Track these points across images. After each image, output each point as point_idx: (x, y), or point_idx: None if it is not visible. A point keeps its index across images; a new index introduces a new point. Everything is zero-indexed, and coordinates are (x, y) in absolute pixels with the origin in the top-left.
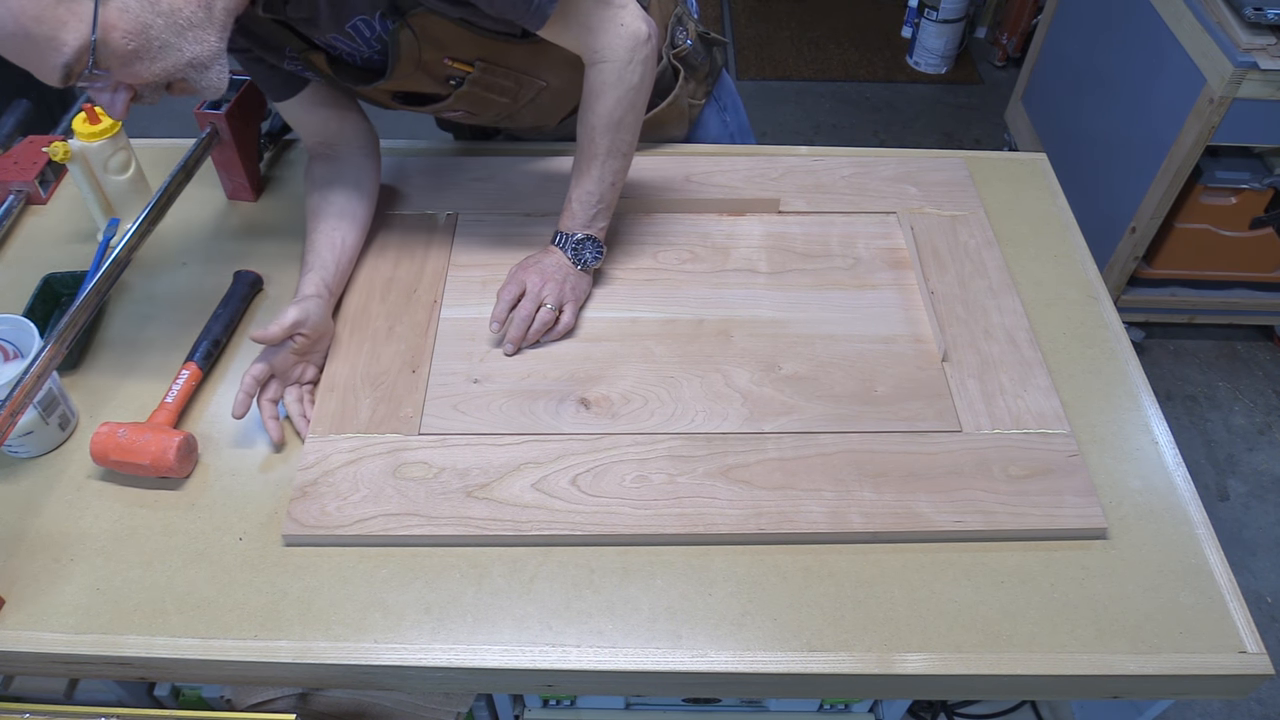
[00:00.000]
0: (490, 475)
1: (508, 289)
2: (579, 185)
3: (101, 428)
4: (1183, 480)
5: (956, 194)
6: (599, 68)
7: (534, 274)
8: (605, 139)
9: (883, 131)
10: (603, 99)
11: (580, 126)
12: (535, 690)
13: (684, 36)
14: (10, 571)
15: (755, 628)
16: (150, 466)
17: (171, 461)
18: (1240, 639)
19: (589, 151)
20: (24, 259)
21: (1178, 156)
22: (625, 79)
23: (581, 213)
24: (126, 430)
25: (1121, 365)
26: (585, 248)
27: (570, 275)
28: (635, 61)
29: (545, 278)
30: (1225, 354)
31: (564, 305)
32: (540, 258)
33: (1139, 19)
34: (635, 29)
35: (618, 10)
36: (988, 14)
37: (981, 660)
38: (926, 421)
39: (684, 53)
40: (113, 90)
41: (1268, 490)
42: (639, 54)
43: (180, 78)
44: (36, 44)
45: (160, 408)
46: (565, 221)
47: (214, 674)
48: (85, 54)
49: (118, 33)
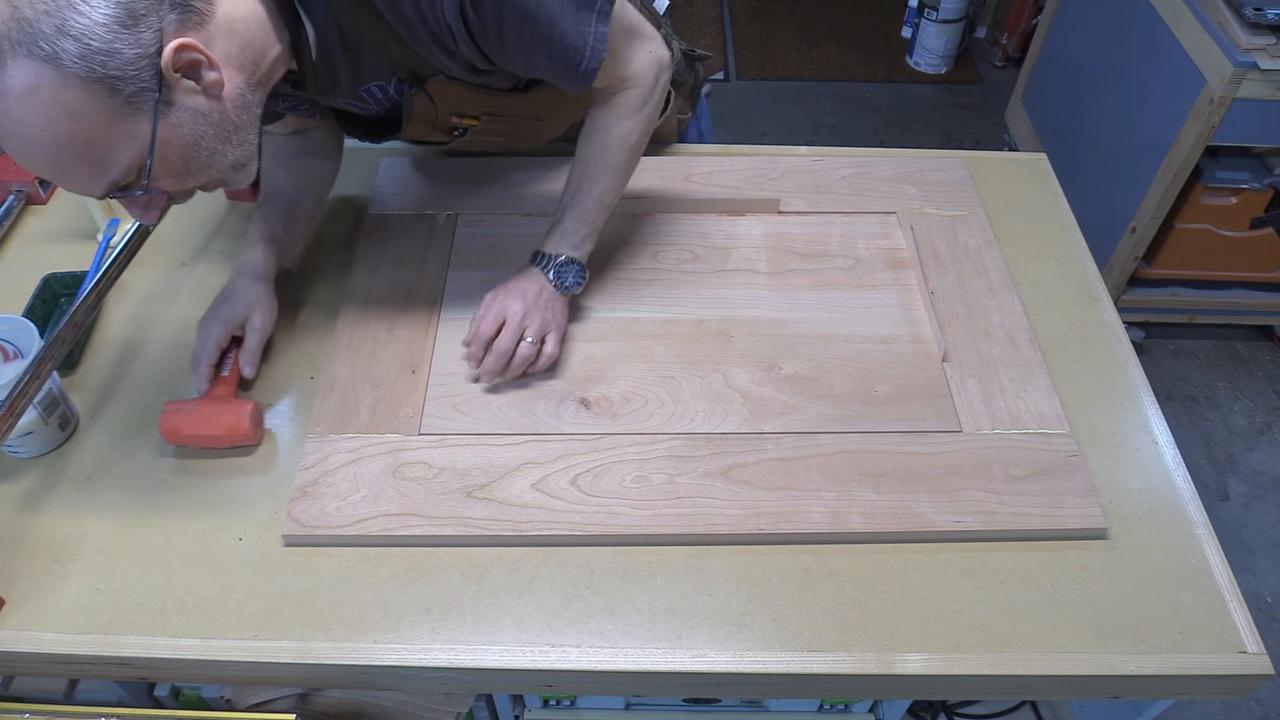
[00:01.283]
0: (490, 475)
1: (488, 320)
2: (576, 202)
3: (169, 405)
4: (1183, 480)
5: (956, 194)
6: (625, 93)
7: (515, 300)
8: (618, 157)
9: (883, 131)
10: (624, 121)
11: (588, 143)
12: (535, 690)
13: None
14: (10, 571)
15: (755, 628)
16: (225, 436)
17: (247, 429)
18: (1240, 639)
19: (595, 169)
20: (24, 259)
21: (1178, 156)
22: (649, 102)
23: (573, 231)
24: (195, 405)
25: (1121, 365)
26: (568, 271)
27: (553, 301)
28: (659, 86)
29: (527, 305)
30: (1225, 354)
31: (546, 335)
32: (520, 282)
33: (1139, 19)
34: (661, 55)
35: (647, 39)
36: (988, 14)
37: (981, 660)
38: (926, 421)
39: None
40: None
41: (1268, 490)
42: (663, 79)
43: (219, 179)
44: (85, 165)
45: (219, 381)
46: (552, 240)
47: (214, 674)
48: (135, 172)
49: (171, 149)
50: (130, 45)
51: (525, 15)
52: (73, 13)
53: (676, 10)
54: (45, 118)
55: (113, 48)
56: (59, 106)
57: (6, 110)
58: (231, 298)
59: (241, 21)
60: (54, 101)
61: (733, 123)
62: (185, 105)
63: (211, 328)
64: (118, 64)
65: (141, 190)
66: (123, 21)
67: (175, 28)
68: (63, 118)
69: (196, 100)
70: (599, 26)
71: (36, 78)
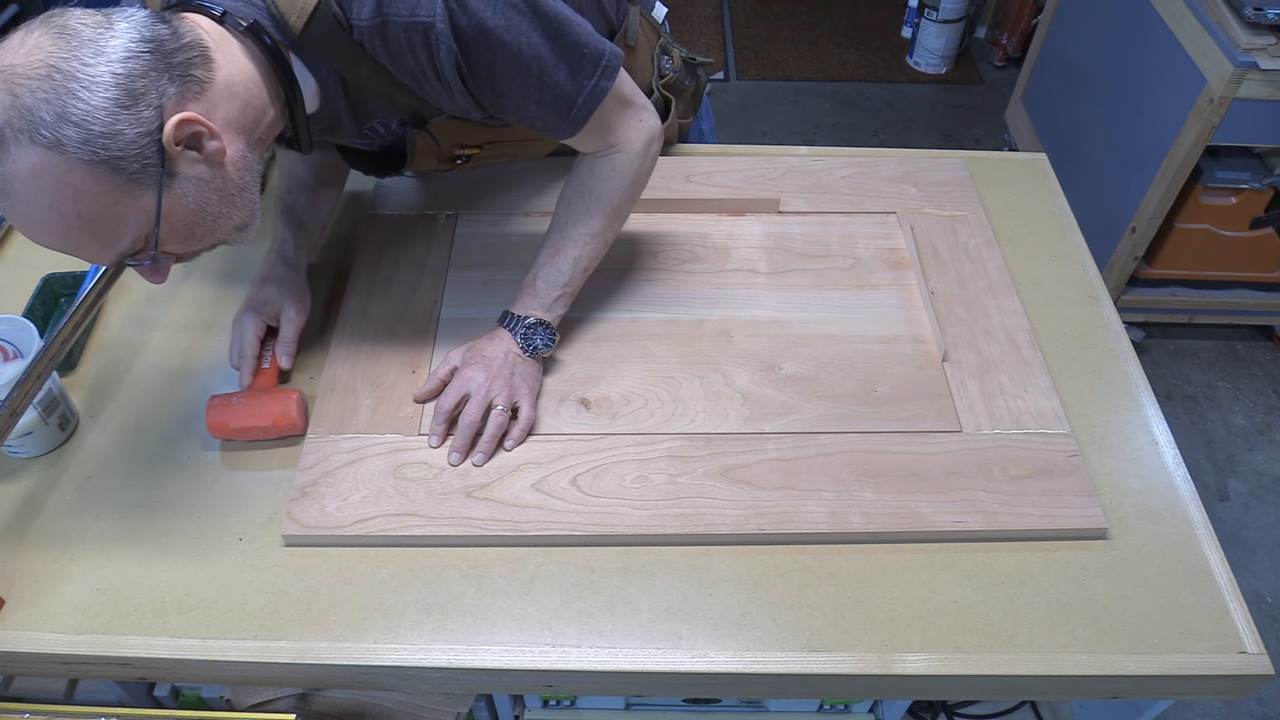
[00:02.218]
0: (490, 475)
1: (448, 396)
2: (550, 263)
3: (214, 399)
4: (1183, 480)
5: (956, 194)
6: (612, 156)
7: (478, 369)
8: (597, 221)
9: (883, 131)
10: (609, 181)
11: (567, 204)
12: (535, 690)
13: (670, 65)
14: (10, 571)
15: (755, 628)
16: (273, 427)
17: (295, 418)
18: (1240, 639)
19: (575, 230)
20: (24, 259)
21: (1178, 156)
22: (638, 169)
23: (545, 293)
24: (240, 398)
25: (1121, 365)
26: (537, 333)
27: (519, 366)
28: (649, 155)
29: (491, 374)
30: (1225, 354)
31: (518, 402)
32: (483, 347)
33: (1139, 19)
34: (652, 125)
35: (640, 110)
36: (988, 14)
37: (981, 660)
38: (926, 421)
39: (670, 80)
40: (155, 265)
41: (1268, 490)
42: (653, 149)
43: (223, 240)
44: (94, 240)
45: (260, 373)
46: (522, 301)
47: (214, 674)
48: (143, 241)
49: (177, 218)
50: (131, 125)
51: (520, 64)
52: (72, 99)
53: (676, 11)
54: (52, 200)
55: (114, 129)
56: (64, 189)
57: (13, 192)
58: (266, 290)
59: (240, 84)
60: (59, 185)
61: (733, 123)
62: (188, 175)
63: (248, 321)
64: (120, 145)
65: (149, 259)
66: (122, 103)
67: (175, 100)
68: (69, 199)
69: (199, 169)
70: (601, 81)
71: (40, 163)
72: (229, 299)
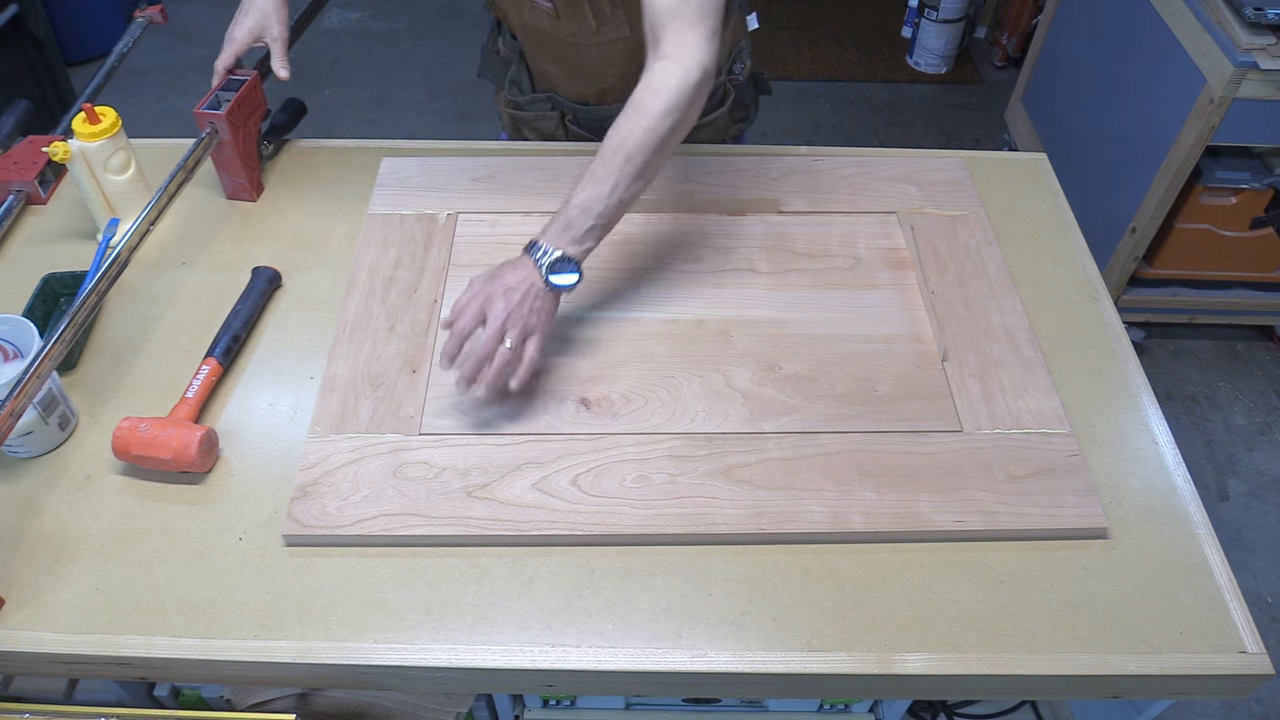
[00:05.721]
0: (491, 475)
1: (467, 314)
2: (587, 189)
3: (123, 423)
4: (1183, 480)
5: (956, 194)
6: (667, 67)
7: (498, 297)
8: (643, 155)
9: (883, 131)
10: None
11: (616, 130)
12: (535, 690)
13: (741, 70)
14: (10, 571)
15: (755, 628)
16: (172, 461)
17: (194, 456)
18: (1240, 639)
19: (617, 160)
20: (24, 259)
21: (1178, 156)
22: (684, 104)
23: (579, 221)
24: (148, 425)
25: (1121, 365)
26: (563, 267)
27: (539, 297)
28: (699, 88)
29: (510, 305)
30: (1225, 354)
31: (528, 338)
32: (507, 275)
33: (1139, 19)
34: (709, 61)
35: (714, 37)
36: (988, 14)
37: (981, 660)
38: (927, 421)
39: (738, 81)
40: None
41: (1268, 490)
42: (706, 85)
43: None
44: None
45: (181, 403)
46: (552, 231)
47: (214, 674)
48: None
49: None
50: None
51: None
52: None
53: None
54: None
55: None
56: None
57: None
58: (249, 12)
59: None
60: None
61: None
62: None
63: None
64: None
65: None
66: None
67: None
68: None
69: None
70: None
71: None
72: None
